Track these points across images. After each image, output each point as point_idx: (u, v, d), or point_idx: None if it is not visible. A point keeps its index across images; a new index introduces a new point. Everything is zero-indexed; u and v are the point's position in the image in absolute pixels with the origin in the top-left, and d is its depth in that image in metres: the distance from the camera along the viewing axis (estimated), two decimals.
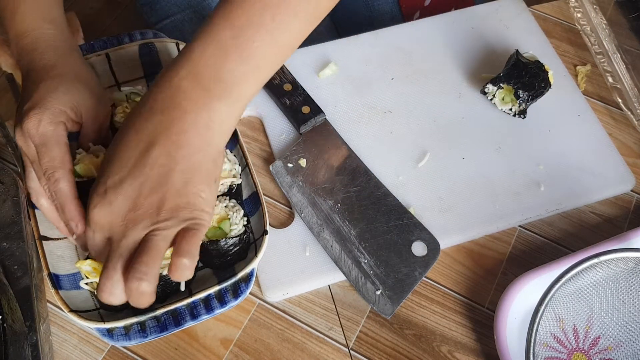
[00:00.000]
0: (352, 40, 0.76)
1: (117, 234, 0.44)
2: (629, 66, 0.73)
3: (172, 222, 0.44)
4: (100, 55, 0.65)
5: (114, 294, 0.44)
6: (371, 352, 0.58)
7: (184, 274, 0.44)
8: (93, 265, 0.52)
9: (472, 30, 0.78)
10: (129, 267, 0.43)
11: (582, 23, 0.78)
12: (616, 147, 0.69)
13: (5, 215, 0.59)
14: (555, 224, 0.65)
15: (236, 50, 0.46)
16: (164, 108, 0.45)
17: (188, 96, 0.46)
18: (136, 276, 0.43)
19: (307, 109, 0.68)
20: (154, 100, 0.46)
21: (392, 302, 0.59)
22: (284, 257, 0.61)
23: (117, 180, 0.44)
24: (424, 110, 0.71)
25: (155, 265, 0.43)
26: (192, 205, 0.45)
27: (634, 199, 0.68)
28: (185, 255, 0.44)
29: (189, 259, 0.44)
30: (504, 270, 0.63)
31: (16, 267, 0.57)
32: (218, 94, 0.46)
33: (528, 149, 0.68)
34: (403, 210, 0.63)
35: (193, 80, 0.46)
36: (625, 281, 0.56)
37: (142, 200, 0.44)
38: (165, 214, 0.44)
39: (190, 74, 0.46)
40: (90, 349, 0.57)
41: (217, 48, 0.46)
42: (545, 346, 0.57)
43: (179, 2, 0.87)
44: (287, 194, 0.64)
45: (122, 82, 0.67)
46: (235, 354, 0.58)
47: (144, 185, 0.44)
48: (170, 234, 0.44)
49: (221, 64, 0.46)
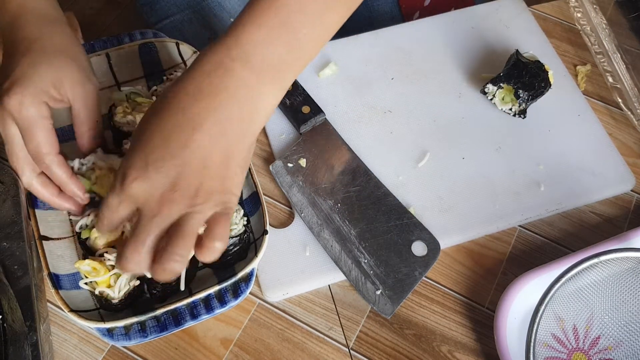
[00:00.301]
0: (352, 40, 0.76)
1: (151, 210, 0.44)
2: (629, 66, 0.73)
3: (207, 206, 0.45)
4: (100, 55, 0.65)
5: (139, 267, 0.45)
6: (371, 352, 0.58)
7: (214, 256, 0.45)
8: (92, 265, 0.52)
9: (472, 30, 0.78)
10: (166, 248, 0.44)
11: (582, 23, 0.78)
12: (616, 147, 0.69)
13: (5, 215, 0.59)
14: (555, 224, 0.65)
15: (286, 36, 0.46)
16: (213, 90, 0.45)
17: (238, 80, 0.45)
18: (172, 258, 0.44)
19: (307, 108, 0.68)
20: (202, 80, 0.45)
21: (392, 302, 0.59)
22: (284, 257, 0.61)
23: (159, 158, 0.44)
24: (424, 110, 0.71)
25: (189, 248, 0.44)
26: (226, 188, 0.46)
27: (634, 199, 0.68)
28: (218, 238, 0.45)
29: (222, 243, 0.45)
30: (504, 270, 0.63)
31: (16, 267, 0.57)
32: (267, 80, 0.46)
33: (528, 149, 0.68)
34: (403, 210, 0.63)
35: (245, 64, 0.45)
36: (625, 281, 0.56)
37: (182, 182, 0.44)
38: (202, 198, 0.44)
39: (242, 57, 0.45)
40: (90, 348, 0.57)
41: (267, 33, 0.45)
42: (545, 346, 0.57)
43: (179, 3, 0.87)
44: (287, 193, 0.64)
45: (122, 82, 0.67)
46: (235, 354, 0.58)
47: (186, 168, 0.44)
48: (204, 217, 0.45)
49: (272, 49, 0.45)
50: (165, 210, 0.44)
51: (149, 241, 0.44)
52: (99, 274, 0.52)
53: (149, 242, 0.44)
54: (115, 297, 0.52)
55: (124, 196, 0.45)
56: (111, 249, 0.54)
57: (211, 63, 0.45)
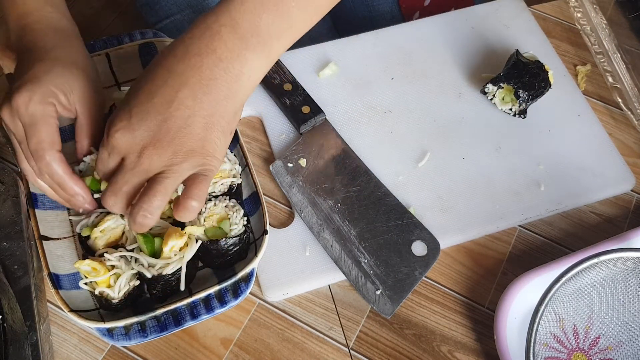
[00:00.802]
0: (352, 40, 0.76)
1: (131, 161, 0.46)
2: (629, 66, 0.73)
3: (185, 166, 0.46)
4: (100, 55, 0.65)
5: (114, 209, 0.48)
6: (371, 352, 0.58)
7: (189, 215, 0.48)
8: (92, 265, 0.52)
9: (472, 30, 0.78)
10: (137, 201, 0.46)
11: (582, 23, 0.78)
12: (616, 147, 0.69)
13: (5, 215, 0.59)
14: (555, 224, 0.65)
15: (275, 6, 0.47)
16: (200, 52, 0.46)
17: (225, 44, 0.47)
18: (141, 213, 0.46)
19: (307, 108, 0.68)
20: (190, 42, 0.47)
21: (392, 301, 0.59)
22: (284, 257, 0.61)
23: (144, 110, 0.46)
24: (424, 110, 0.71)
25: (161, 206, 0.46)
26: (206, 151, 0.47)
27: (634, 199, 0.68)
28: (194, 197, 0.47)
29: (197, 202, 0.47)
30: (504, 270, 0.63)
31: (16, 267, 0.57)
32: (253, 46, 0.47)
33: (528, 149, 0.68)
34: (403, 210, 0.63)
35: (231, 30, 0.47)
36: (625, 281, 0.56)
37: (163, 138, 0.45)
38: (181, 157, 0.46)
39: (229, 23, 0.47)
40: (90, 348, 0.57)
41: (257, 3, 0.47)
42: (545, 346, 0.57)
43: (179, 2, 0.87)
44: (287, 193, 0.64)
45: (122, 82, 0.67)
46: (235, 354, 0.58)
47: (168, 123, 0.45)
48: (181, 177, 0.47)
49: (259, 18, 0.47)
50: (144, 163, 0.46)
51: (126, 188, 0.47)
52: (99, 274, 0.52)
53: (126, 189, 0.47)
54: (115, 297, 0.52)
55: (109, 147, 0.47)
56: (111, 249, 0.54)
57: (200, 28, 0.47)
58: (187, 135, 0.46)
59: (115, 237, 0.55)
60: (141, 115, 0.46)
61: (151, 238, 0.54)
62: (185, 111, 0.46)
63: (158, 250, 0.53)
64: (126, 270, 0.53)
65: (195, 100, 0.46)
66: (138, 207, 0.46)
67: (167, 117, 0.45)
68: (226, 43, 0.47)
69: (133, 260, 0.53)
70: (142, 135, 0.46)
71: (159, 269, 0.52)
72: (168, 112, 0.45)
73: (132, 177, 0.46)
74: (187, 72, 0.46)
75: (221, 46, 0.47)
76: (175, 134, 0.46)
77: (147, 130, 0.45)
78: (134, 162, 0.46)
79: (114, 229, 0.55)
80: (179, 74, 0.46)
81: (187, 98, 0.46)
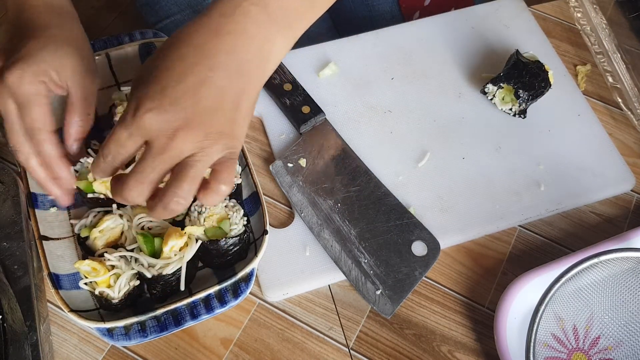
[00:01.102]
0: (352, 40, 0.76)
1: (161, 145, 0.43)
2: (629, 66, 0.73)
3: (215, 149, 0.45)
4: (100, 55, 0.65)
5: (139, 198, 0.45)
6: (371, 352, 0.58)
7: (219, 199, 0.46)
8: (92, 265, 0.52)
9: (472, 30, 0.78)
10: (168, 187, 0.44)
11: (582, 23, 0.78)
12: (616, 147, 0.69)
13: (5, 215, 0.59)
14: (555, 224, 0.65)
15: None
16: (231, 31, 0.45)
17: (256, 24, 0.45)
18: (176, 199, 0.44)
19: (307, 108, 0.68)
20: (220, 20, 0.45)
21: (392, 301, 0.59)
22: (284, 257, 0.61)
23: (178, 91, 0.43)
24: (424, 110, 0.71)
25: (193, 190, 0.45)
26: (234, 133, 0.46)
27: (634, 199, 0.68)
28: (225, 182, 0.45)
29: (227, 187, 0.46)
30: (504, 270, 0.63)
31: (16, 267, 0.57)
32: (282, 26, 0.47)
33: (528, 149, 0.68)
34: (403, 210, 0.63)
35: (262, 9, 0.46)
36: (625, 281, 0.56)
37: (195, 119, 0.43)
38: (212, 139, 0.44)
39: (259, 2, 0.46)
40: (90, 348, 0.57)
41: None
42: (545, 346, 0.57)
43: (179, 2, 0.87)
44: (287, 193, 0.64)
45: (122, 82, 0.67)
46: (235, 354, 0.58)
47: (200, 105, 0.43)
48: (211, 160, 0.45)
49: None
50: (176, 147, 0.43)
51: (154, 176, 0.44)
52: (99, 274, 0.52)
53: (153, 176, 0.44)
54: (115, 297, 0.52)
55: (134, 128, 0.43)
56: (111, 249, 0.54)
57: (229, 6, 0.45)
58: (219, 117, 0.44)
59: (115, 237, 0.55)
60: (175, 96, 0.43)
61: (151, 238, 0.54)
62: (218, 92, 0.44)
63: (158, 250, 0.54)
64: (126, 270, 0.53)
65: (229, 81, 0.45)
66: (171, 192, 0.44)
67: (200, 99, 0.44)
68: (257, 22, 0.46)
69: (133, 260, 0.53)
70: (175, 116, 0.43)
71: (159, 269, 0.52)
72: (201, 93, 0.44)
73: (162, 163, 0.44)
74: (220, 53, 0.44)
75: (252, 26, 0.45)
76: (208, 116, 0.44)
77: (181, 111, 0.43)
78: (163, 146, 0.43)
79: (112, 229, 0.55)
80: (212, 54, 0.44)
81: (221, 79, 0.44)
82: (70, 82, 0.54)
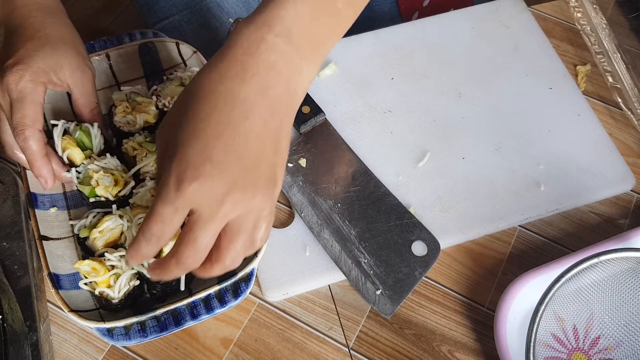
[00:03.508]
0: (352, 40, 0.76)
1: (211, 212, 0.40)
2: (629, 66, 0.73)
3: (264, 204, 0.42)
4: (100, 55, 0.65)
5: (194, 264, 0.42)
6: (371, 352, 0.58)
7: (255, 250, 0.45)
8: (92, 265, 0.52)
9: (472, 30, 0.78)
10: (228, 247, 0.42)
11: (582, 23, 0.78)
12: (616, 147, 0.69)
13: (5, 215, 0.59)
14: (555, 224, 0.65)
15: (323, 11, 0.44)
16: (260, 69, 0.42)
17: (283, 57, 0.43)
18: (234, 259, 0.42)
19: (307, 108, 0.68)
20: (246, 59, 0.42)
21: (392, 301, 0.59)
22: (284, 257, 0.61)
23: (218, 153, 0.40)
24: (424, 110, 0.71)
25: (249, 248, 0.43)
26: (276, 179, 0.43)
27: (634, 199, 0.68)
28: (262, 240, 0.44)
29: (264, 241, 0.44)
30: (504, 270, 0.63)
31: (16, 267, 0.57)
32: (307, 54, 0.44)
33: (528, 148, 0.68)
34: (403, 210, 0.63)
35: (287, 40, 0.43)
36: (625, 281, 0.56)
37: (242, 177, 0.40)
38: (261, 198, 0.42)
39: (284, 32, 0.43)
40: (90, 348, 0.57)
41: (308, 6, 0.43)
42: (545, 346, 0.57)
43: (177, 3, 0.87)
44: (287, 193, 0.64)
45: (122, 82, 0.67)
46: (236, 354, 0.58)
47: (243, 159, 0.41)
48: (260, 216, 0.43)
49: (312, 24, 0.44)
50: (228, 211, 0.41)
51: (207, 241, 0.41)
52: (99, 274, 0.52)
53: (207, 241, 0.41)
54: (115, 297, 0.52)
55: (180, 202, 0.40)
56: (111, 249, 0.54)
57: (251, 40, 0.42)
58: (263, 168, 0.42)
59: (114, 238, 0.55)
60: (216, 157, 0.40)
61: None
62: (258, 141, 0.41)
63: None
64: (126, 270, 0.53)
65: (265, 125, 0.41)
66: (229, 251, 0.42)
67: (242, 154, 0.40)
68: (283, 56, 0.43)
69: None
70: (221, 181, 0.40)
71: None
72: (241, 146, 0.40)
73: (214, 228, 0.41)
74: (252, 96, 0.41)
75: (280, 60, 0.43)
76: (253, 171, 0.41)
77: (225, 174, 0.40)
78: (213, 214, 0.40)
79: (112, 229, 0.55)
80: (243, 99, 0.41)
81: (258, 125, 0.41)
82: (70, 80, 0.55)
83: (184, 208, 0.40)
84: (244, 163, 0.41)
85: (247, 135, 0.41)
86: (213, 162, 0.40)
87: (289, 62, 0.43)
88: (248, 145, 0.41)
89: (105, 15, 1.46)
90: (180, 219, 0.41)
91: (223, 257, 0.42)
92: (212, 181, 0.40)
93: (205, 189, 0.40)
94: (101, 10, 1.46)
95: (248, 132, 0.41)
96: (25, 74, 0.51)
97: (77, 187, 0.56)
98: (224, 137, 0.40)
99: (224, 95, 0.41)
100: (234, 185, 0.40)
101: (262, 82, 0.42)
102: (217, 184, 0.40)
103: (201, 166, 0.40)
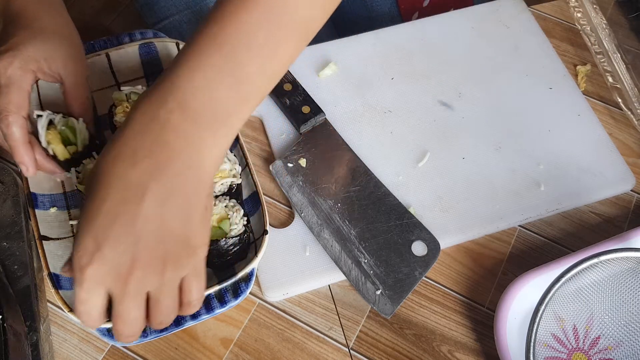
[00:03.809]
0: (352, 40, 0.76)
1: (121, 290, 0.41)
2: (629, 66, 0.73)
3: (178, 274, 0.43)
4: (100, 55, 0.65)
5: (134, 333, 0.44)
6: (371, 352, 0.58)
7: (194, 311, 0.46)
8: None
9: (472, 30, 0.78)
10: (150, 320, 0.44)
11: (582, 23, 0.78)
12: (616, 147, 0.69)
13: (5, 215, 0.59)
14: (555, 224, 0.65)
15: (227, 77, 0.42)
16: (153, 150, 0.41)
17: (178, 132, 0.41)
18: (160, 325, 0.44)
19: (307, 108, 0.68)
20: (136, 142, 0.41)
21: (392, 301, 0.59)
22: (284, 257, 0.61)
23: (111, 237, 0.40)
24: (424, 111, 0.71)
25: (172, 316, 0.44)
26: (192, 249, 0.43)
27: (634, 199, 0.68)
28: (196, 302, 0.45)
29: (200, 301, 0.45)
30: (504, 270, 0.63)
31: (16, 267, 0.57)
32: (208, 126, 0.42)
33: (528, 149, 0.68)
34: (403, 210, 0.63)
35: (182, 113, 0.41)
36: (625, 281, 0.56)
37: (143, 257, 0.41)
38: (171, 267, 0.42)
39: (179, 106, 0.41)
40: (90, 348, 0.57)
41: (206, 75, 0.41)
42: (545, 346, 0.57)
43: (177, 3, 0.87)
44: (287, 193, 0.64)
45: (122, 82, 0.67)
46: (236, 354, 0.58)
47: (142, 242, 0.40)
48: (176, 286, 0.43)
49: (210, 93, 0.41)
50: (137, 287, 0.41)
51: (133, 313, 0.42)
52: None
53: (134, 313, 0.42)
54: None
55: (87, 284, 0.41)
56: None
57: (145, 117, 0.41)
58: (169, 244, 0.41)
59: None
60: (110, 242, 0.40)
61: None
62: (156, 221, 0.40)
63: None
64: None
65: (164, 207, 0.40)
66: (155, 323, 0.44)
67: (140, 236, 0.40)
68: (177, 132, 0.41)
69: None
70: (119, 261, 0.40)
71: None
72: (137, 230, 0.40)
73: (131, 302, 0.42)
74: (144, 180, 0.40)
75: (173, 137, 0.41)
76: (156, 249, 0.40)
77: (123, 254, 0.40)
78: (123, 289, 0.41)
79: None
80: (136, 183, 0.40)
81: (153, 208, 0.40)
82: (63, 72, 0.55)
83: (94, 288, 0.41)
84: (145, 244, 0.40)
85: (145, 216, 0.40)
86: (109, 245, 0.40)
87: (185, 138, 0.41)
88: (146, 226, 0.40)
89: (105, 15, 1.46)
90: (97, 298, 0.42)
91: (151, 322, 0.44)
92: (109, 263, 0.40)
93: (105, 271, 0.40)
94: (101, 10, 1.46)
95: (146, 214, 0.40)
96: (15, 60, 0.51)
97: (77, 187, 0.56)
98: (118, 221, 0.40)
99: (116, 179, 0.41)
100: (134, 265, 0.40)
101: (154, 164, 0.40)
102: (115, 264, 0.40)
103: (96, 251, 0.40)
